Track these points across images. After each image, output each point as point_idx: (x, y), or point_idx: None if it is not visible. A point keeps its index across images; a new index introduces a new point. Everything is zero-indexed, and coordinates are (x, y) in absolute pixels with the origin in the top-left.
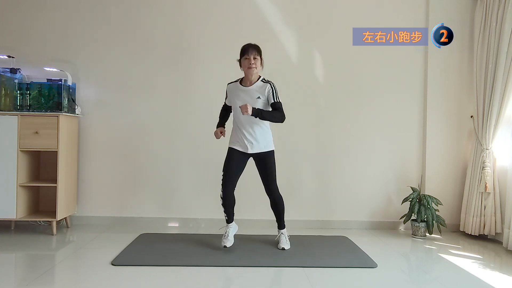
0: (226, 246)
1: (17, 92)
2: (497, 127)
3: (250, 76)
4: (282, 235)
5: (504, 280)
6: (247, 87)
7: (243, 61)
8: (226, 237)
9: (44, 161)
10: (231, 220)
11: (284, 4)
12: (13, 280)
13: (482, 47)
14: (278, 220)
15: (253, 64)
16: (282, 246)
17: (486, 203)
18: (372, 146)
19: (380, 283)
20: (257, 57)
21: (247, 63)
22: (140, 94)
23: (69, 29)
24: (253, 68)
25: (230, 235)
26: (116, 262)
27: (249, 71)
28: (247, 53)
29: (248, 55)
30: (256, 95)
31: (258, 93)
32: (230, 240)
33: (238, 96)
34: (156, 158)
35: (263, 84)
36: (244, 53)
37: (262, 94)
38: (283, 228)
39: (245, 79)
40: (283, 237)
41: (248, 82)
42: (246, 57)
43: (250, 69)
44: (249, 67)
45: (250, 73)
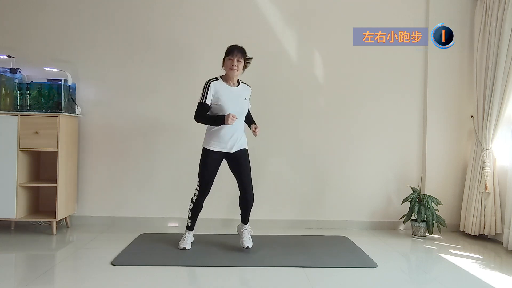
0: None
1: (17, 92)
2: (497, 127)
3: (232, 78)
4: (246, 230)
5: (504, 280)
6: (234, 88)
7: (226, 61)
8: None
9: (44, 161)
10: (193, 228)
11: (284, 4)
12: (13, 280)
13: (482, 47)
14: (244, 215)
15: (235, 66)
16: (247, 245)
17: (486, 203)
18: (372, 146)
19: (380, 283)
20: (241, 60)
21: (230, 64)
22: (140, 94)
23: (69, 29)
24: (235, 70)
25: (188, 242)
26: (116, 262)
27: (230, 72)
28: (232, 55)
29: (232, 57)
30: (243, 96)
31: (244, 95)
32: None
33: (227, 96)
34: (156, 158)
35: (247, 87)
36: (229, 54)
37: (247, 96)
38: (247, 223)
39: (227, 79)
40: (247, 233)
41: (232, 82)
42: (230, 58)
43: (232, 71)
44: (231, 68)
45: (231, 74)
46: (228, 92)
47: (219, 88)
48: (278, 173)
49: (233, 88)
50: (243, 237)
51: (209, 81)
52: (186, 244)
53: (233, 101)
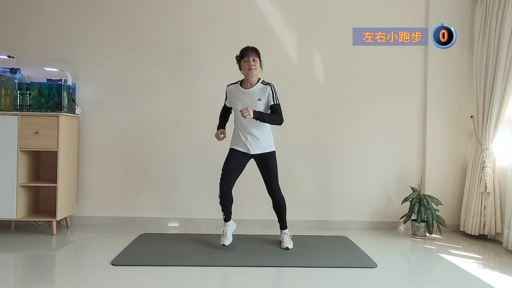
0: (224, 244)
1: (17, 92)
2: (497, 127)
3: (251, 78)
4: (285, 235)
5: (504, 280)
6: (248, 89)
7: (242, 64)
8: (225, 236)
9: (44, 161)
10: (229, 218)
11: (284, 4)
12: (13, 280)
13: (482, 47)
14: (280, 221)
15: (252, 66)
16: (286, 245)
17: (486, 203)
18: (372, 146)
19: (380, 283)
20: (256, 59)
21: (247, 65)
22: (140, 94)
23: (69, 29)
24: (253, 70)
25: (228, 233)
26: (116, 262)
27: (249, 73)
28: (247, 55)
29: (247, 58)
30: (256, 97)
31: (258, 95)
32: (229, 238)
33: (238, 98)
34: (156, 158)
35: (264, 86)
36: (243, 56)
37: (262, 96)
38: (286, 228)
39: (245, 81)
40: (286, 237)
41: (249, 84)
42: (246, 59)
43: (250, 71)
44: (249, 68)
45: (250, 75)
46: (238, 94)
47: (232, 90)
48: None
49: (245, 90)
50: (283, 240)
51: (228, 85)
52: (225, 240)
53: (242, 102)
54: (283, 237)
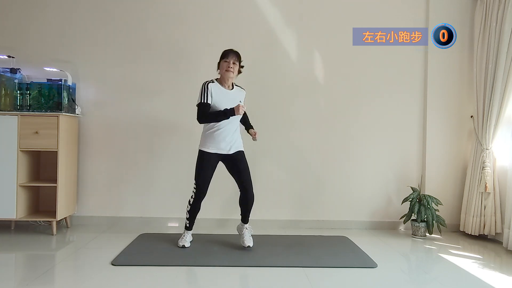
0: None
1: (17, 92)
2: (497, 127)
3: (227, 80)
4: (246, 230)
5: (504, 280)
6: (229, 90)
7: (222, 63)
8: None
9: (44, 161)
10: (191, 228)
11: (284, 5)
12: (13, 280)
13: (482, 47)
14: (245, 215)
15: (231, 68)
16: (248, 244)
17: (486, 203)
18: (372, 146)
19: (380, 283)
20: (236, 63)
21: (226, 65)
22: (140, 94)
23: (69, 29)
24: (230, 72)
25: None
26: (116, 262)
27: (226, 74)
28: (227, 57)
29: (228, 59)
30: (238, 99)
31: (239, 98)
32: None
33: (223, 98)
34: (156, 158)
35: (240, 90)
36: (224, 56)
37: (241, 99)
38: (247, 222)
39: (222, 82)
40: (247, 232)
41: (226, 85)
42: (226, 60)
43: (228, 72)
44: (227, 69)
45: (227, 76)
46: (224, 95)
47: (216, 90)
48: (278, 173)
49: (229, 91)
50: (244, 236)
51: (206, 82)
52: (185, 242)
53: (228, 104)
54: (245, 233)
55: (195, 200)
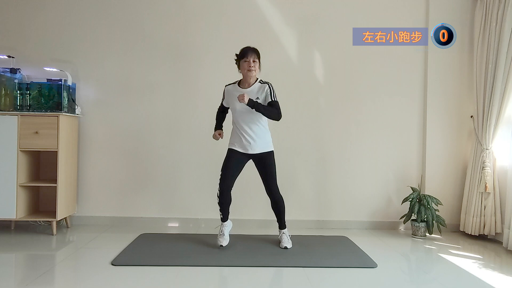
0: (222, 245)
1: (17, 92)
2: (497, 127)
3: (249, 79)
4: (284, 234)
5: (504, 280)
6: (246, 89)
7: (242, 64)
8: (222, 236)
9: (44, 161)
10: (226, 218)
11: (284, 4)
12: (13, 280)
13: (482, 47)
14: (278, 220)
15: (252, 67)
16: (285, 245)
17: (486, 203)
18: (372, 146)
19: (380, 283)
20: (256, 60)
21: (247, 65)
22: (140, 94)
23: (69, 29)
24: (253, 71)
25: (225, 233)
26: (116, 262)
27: (248, 74)
28: (247, 56)
29: (247, 58)
30: (254, 97)
31: (256, 94)
32: (226, 238)
33: (233, 98)
34: (156, 158)
35: (261, 85)
36: (243, 56)
37: (260, 94)
38: (284, 228)
39: (243, 81)
40: (285, 236)
41: (247, 84)
42: (246, 59)
43: (250, 72)
44: (249, 69)
45: (249, 75)
46: (237, 93)
47: (231, 90)
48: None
49: (244, 89)
50: (282, 239)
51: (226, 85)
52: (222, 241)
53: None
54: (282, 237)
55: (220, 192)
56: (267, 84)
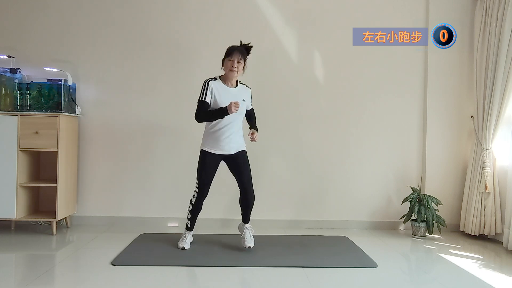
0: (184, 247)
1: (17, 92)
2: (497, 127)
3: (231, 79)
4: (247, 230)
5: (504, 280)
6: (232, 88)
7: (226, 62)
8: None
9: (44, 161)
10: (192, 229)
11: (284, 4)
12: (13, 280)
13: (482, 47)
14: (245, 215)
15: (235, 68)
16: (248, 244)
17: (486, 203)
18: (372, 146)
19: (380, 283)
20: (241, 62)
21: (230, 65)
22: (140, 94)
23: (69, 29)
24: (234, 72)
25: (188, 242)
26: (116, 262)
27: (230, 74)
28: (232, 55)
29: (232, 58)
30: (241, 98)
31: (243, 96)
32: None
33: (225, 97)
34: (156, 158)
35: (245, 88)
36: (229, 55)
37: (246, 97)
38: (248, 222)
39: (225, 79)
40: (248, 233)
41: (230, 83)
42: (230, 59)
43: (232, 72)
44: (231, 69)
45: (231, 75)
46: (226, 93)
47: (218, 88)
48: (278, 173)
49: (231, 89)
50: (245, 237)
51: (208, 80)
52: (185, 244)
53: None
54: (245, 233)
55: (197, 200)
56: (249, 89)
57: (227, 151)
